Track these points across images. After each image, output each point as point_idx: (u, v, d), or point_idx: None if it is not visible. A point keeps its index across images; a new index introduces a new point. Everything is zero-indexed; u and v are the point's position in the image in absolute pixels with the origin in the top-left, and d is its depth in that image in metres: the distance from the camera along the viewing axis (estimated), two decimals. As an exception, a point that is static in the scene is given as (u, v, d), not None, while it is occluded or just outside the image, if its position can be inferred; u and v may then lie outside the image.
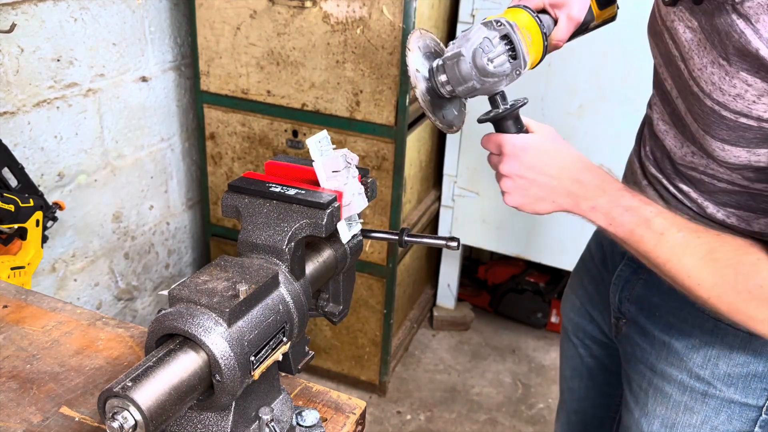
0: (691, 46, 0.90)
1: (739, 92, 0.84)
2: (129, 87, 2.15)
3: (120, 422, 0.60)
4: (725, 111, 0.86)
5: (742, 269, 0.87)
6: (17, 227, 1.68)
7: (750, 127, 0.85)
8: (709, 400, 1.06)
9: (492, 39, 0.94)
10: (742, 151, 0.88)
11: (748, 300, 0.86)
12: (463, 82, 0.96)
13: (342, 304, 0.95)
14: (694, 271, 0.89)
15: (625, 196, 0.93)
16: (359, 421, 0.88)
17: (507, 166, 0.96)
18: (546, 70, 2.35)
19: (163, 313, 0.69)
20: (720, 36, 0.84)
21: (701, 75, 0.89)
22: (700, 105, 0.90)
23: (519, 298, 2.92)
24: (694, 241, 0.89)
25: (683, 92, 0.95)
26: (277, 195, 0.81)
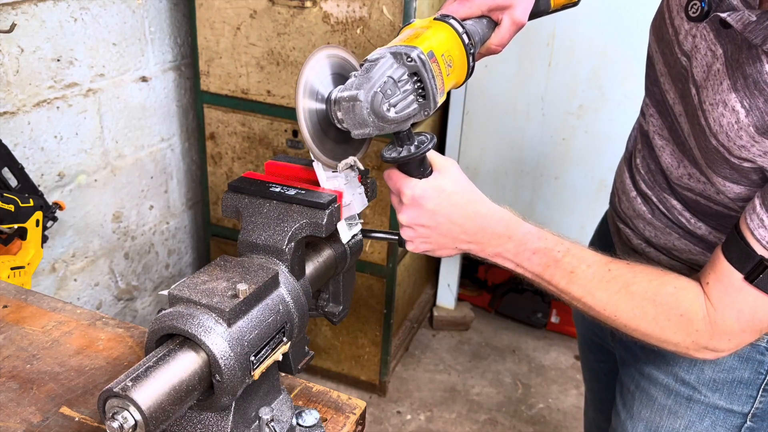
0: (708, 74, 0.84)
1: (744, 144, 0.81)
2: (129, 87, 2.15)
3: (120, 422, 0.60)
4: (729, 155, 0.83)
5: (661, 300, 0.88)
6: (17, 227, 1.68)
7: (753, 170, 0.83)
8: (694, 405, 1.05)
9: (398, 79, 0.81)
10: (743, 189, 0.87)
11: (667, 328, 0.88)
12: (359, 126, 0.82)
13: (342, 304, 0.95)
14: (609, 305, 0.90)
15: (532, 239, 0.91)
16: (359, 421, 0.88)
17: (406, 215, 0.90)
18: (546, 70, 2.35)
19: (163, 313, 0.69)
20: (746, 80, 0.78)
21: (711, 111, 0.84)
22: (705, 140, 0.86)
23: (519, 298, 2.92)
24: (606, 275, 0.90)
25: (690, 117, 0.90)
26: (277, 195, 0.81)
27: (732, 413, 1.03)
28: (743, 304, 0.84)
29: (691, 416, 1.06)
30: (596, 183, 2.43)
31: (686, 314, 0.87)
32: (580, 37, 2.27)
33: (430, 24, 0.89)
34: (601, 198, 2.47)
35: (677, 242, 1.02)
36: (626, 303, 0.89)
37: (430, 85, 0.83)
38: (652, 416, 1.09)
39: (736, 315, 0.85)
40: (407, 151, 0.87)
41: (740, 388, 1.02)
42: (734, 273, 0.83)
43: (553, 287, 0.92)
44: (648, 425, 1.10)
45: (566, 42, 2.29)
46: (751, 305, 0.84)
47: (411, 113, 0.83)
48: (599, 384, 1.40)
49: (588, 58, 2.27)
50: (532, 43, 2.34)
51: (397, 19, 1.95)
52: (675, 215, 1.01)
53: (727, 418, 1.04)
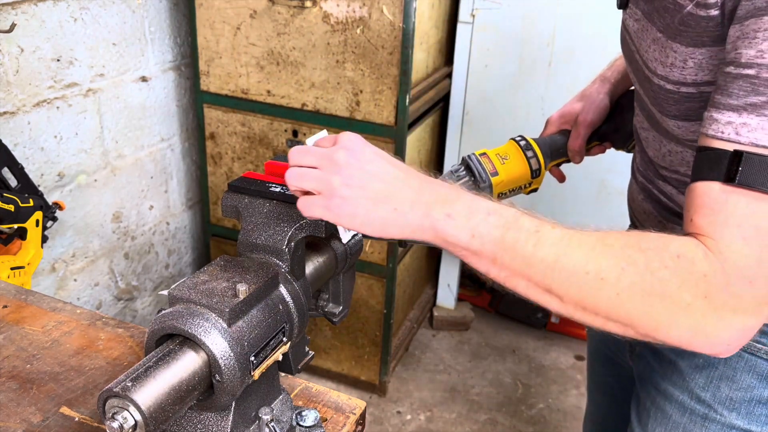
0: (639, 34, 0.91)
1: (672, 61, 0.82)
2: (129, 87, 2.15)
3: (120, 422, 0.60)
4: (668, 84, 0.83)
5: (646, 245, 0.72)
6: (17, 227, 1.68)
7: (692, 95, 0.82)
8: (709, 424, 1.00)
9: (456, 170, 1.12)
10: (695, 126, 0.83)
11: (667, 278, 0.70)
12: None
13: (342, 304, 0.95)
14: (591, 263, 0.72)
15: (481, 199, 0.77)
16: (359, 421, 0.88)
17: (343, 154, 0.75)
18: (546, 69, 2.35)
19: (162, 313, 0.69)
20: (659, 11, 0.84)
21: (647, 55, 0.87)
22: (651, 85, 0.88)
23: (519, 298, 2.91)
24: (575, 234, 0.74)
25: (642, 82, 0.94)
26: (277, 195, 0.81)
27: None
28: (738, 215, 0.70)
29: None
30: (596, 183, 2.43)
31: (683, 254, 0.71)
32: (580, 37, 2.27)
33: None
34: (601, 198, 2.47)
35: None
36: (609, 256, 0.72)
37: (475, 166, 1.13)
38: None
39: (739, 234, 0.69)
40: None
41: (759, 408, 0.97)
42: (712, 185, 0.71)
43: (518, 257, 0.74)
44: None
45: (566, 42, 2.29)
46: (746, 213, 0.70)
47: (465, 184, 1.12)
48: (604, 397, 1.38)
49: (588, 58, 2.27)
50: (532, 43, 2.34)
51: (397, 19, 1.95)
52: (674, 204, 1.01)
53: None
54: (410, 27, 1.96)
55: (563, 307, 0.76)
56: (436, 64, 2.43)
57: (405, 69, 2.01)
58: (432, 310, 2.95)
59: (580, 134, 1.21)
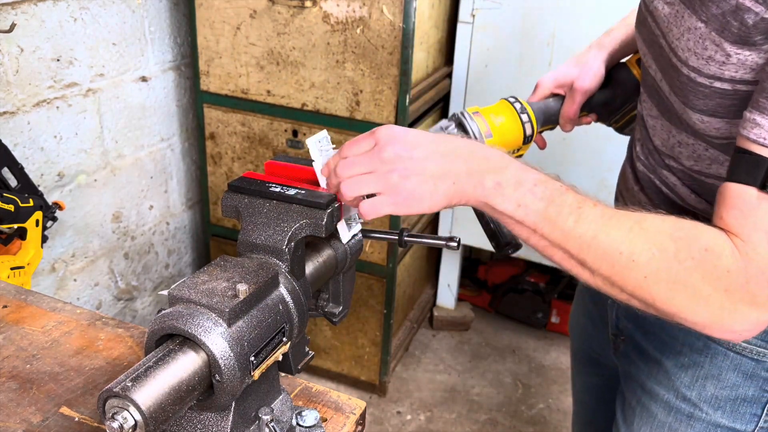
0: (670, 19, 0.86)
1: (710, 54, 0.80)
2: (129, 87, 2.15)
3: (120, 422, 0.60)
4: (701, 77, 0.82)
5: (680, 234, 0.76)
6: (17, 227, 1.68)
7: (725, 92, 0.81)
8: (695, 423, 1.01)
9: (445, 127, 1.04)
10: (721, 123, 0.84)
11: (692, 269, 0.74)
12: None
13: (342, 304, 0.95)
14: (625, 244, 0.76)
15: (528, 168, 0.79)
16: (359, 422, 0.88)
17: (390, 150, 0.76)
18: (546, 70, 2.35)
19: (162, 313, 0.69)
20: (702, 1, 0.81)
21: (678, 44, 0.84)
22: (678, 75, 0.86)
23: (519, 298, 2.92)
24: (615, 213, 0.78)
25: (665, 69, 0.91)
26: (277, 195, 0.81)
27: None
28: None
29: None
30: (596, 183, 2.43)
31: (711, 248, 0.74)
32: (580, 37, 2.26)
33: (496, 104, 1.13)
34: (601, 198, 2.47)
35: None
36: (643, 240, 0.76)
37: (469, 124, 1.04)
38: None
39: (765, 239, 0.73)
40: None
41: (744, 406, 0.98)
42: (747, 189, 0.74)
43: (558, 230, 0.78)
44: None
45: (566, 42, 2.29)
46: None
47: None
48: (590, 397, 1.38)
49: (588, 58, 2.27)
50: (532, 43, 2.34)
51: (397, 19, 1.95)
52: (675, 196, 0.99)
53: None
54: (410, 27, 1.96)
55: (593, 279, 0.80)
56: (436, 64, 2.43)
57: (405, 69, 2.01)
58: (432, 310, 2.95)
59: (576, 101, 1.14)
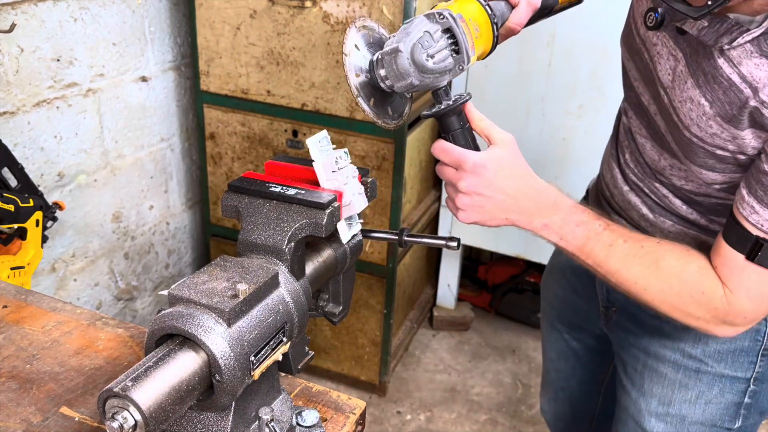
0: (673, 76, 0.96)
1: (715, 132, 0.92)
2: (129, 87, 2.15)
3: (120, 422, 0.60)
4: (703, 143, 0.94)
5: (687, 277, 0.95)
6: (17, 227, 1.68)
7: (725, 158, 0.93)
8: (702, 376, 1.14)
9: (433, 33, 0.89)
10: (718, 176, 0.99)
11: (690, 303, 0.96)
12: (401, 78, 0.90)
13: (342, 304, 0.95)
14: (641, 279, 0.97)
15: (577, 212, 0.99)
16: (359, 421, 0.88)
17: (466, 182, 0.95)
18: (546, 69, 2.35)
19: (162, 313, 0.69)
20: (706, 77, 0.90)
21: (681, 107, 0.95)
22: (679, 134, 0.97)
23: (519, 298, 2.92)
24: (640, 251, 0.97)
25: (664, 116, 1.01)
26: (277, 195, 0.81)
27: (737, 379, 1.13)
28: (750, 282, 0.92)
29: (701, 387, 1.15)
30: (596, 183, 2.43)
31: (707, 292, 0.94)
32: (580, 37, 2.27)
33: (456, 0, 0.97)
34: (601, 198, 2.47)
35: (672, 229, 1.11)
36: (656, 278, 0.96)
37: (462, 39, 0.90)
38: (663, 391, 1.18)
39: (746, 293, 0.92)
40: (446, 105, 0.95)
41: (742, 356, 1.12)
42: (736, 255, 0.92)
43: (591, 260, 0.99)
44: (661, 400, 1.18)
45: (566, 42, 2.29)
46: (756, 282, 0.92)
47: (447, 66, 0.91)
48: (567, 363, 1.49)
49: (588, 58, 2.27)
50: (532, 43, 2.34)
51: (397, 19, 1.95)
52: (667, 203, 1.09)
53: (733, 385, 1.14)
54: (410, 27, 1.96)
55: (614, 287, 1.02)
56: (436, 64, 2.43)
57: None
58: (432, 310, 2.95)
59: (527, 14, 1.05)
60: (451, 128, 0.97)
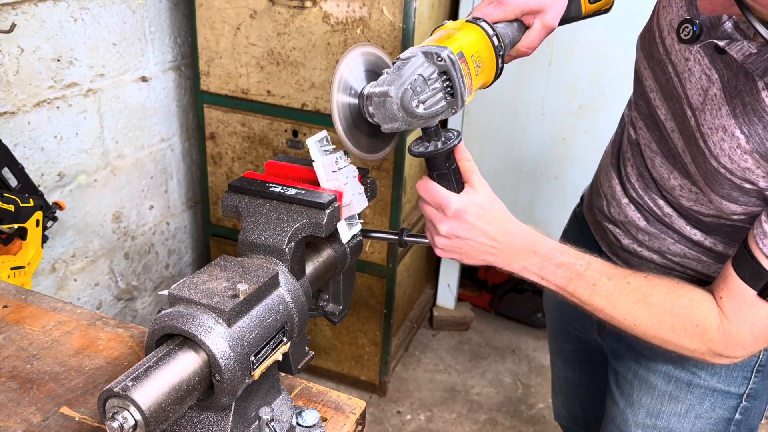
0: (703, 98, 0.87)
1: (749, 167, 0.85)
2: (129, 87, 2.15)
3: (120, 422, 0.60)
4: (731, 175, 0.88)
5: (677, 311, 0.93)
6: (17, 227, 1.68)
7: (750, 191, 0.88)
8: (694, 389, 1.11)
9: (428, 77, 0.85)
10: (739, 208, 0.91)
11: (683, 337, 0.93)
12: (389, 121, 0.86)
13: (342, 304, 0.95)
14: (629, 315, 0.95)
15: (555, 254, 0.97)
16: (359, 421, 0.88)
17: (447, 226, 0.94)
18: (546, 70, 2.35)
19: (163, 313, 0.69)
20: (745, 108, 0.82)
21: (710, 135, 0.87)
22: (704, 161, 0.90)
23: (519, 298, 2.92)
24: (626, 287, 0.95)
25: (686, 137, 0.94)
26: (277, 195, 0.81)
27: (729, 395, 1.10)
28: (757, 318, 0.89)
29: (692, 400, 1.12)
30: (596, 183, 2.43)
31: (701, 324, 0.92)
32: (580, 37, 2.27)
33: (462, 26, 0.93)
34: (601, 198, 2.47)
35: (672, 246, 1.06)
36: (645, 314, 0.94)
37: (459, 84, 0.86)
38: (652, 402, 1.15)
39: (749, 328, 0.90)
40: (434, 146, 0.92)
41: (736, 371, 1.09)
42: (747, 290, 0.88)
43: (576, 299, 0.98)
44: (649, 411, 1.15)
45: (566, 42, 2.29)
46: (764, 318, 0.89)
47: (439, 110, 0.87)
48: (574, 372, 1.47)
49: (588, 58, 2.27)
50: (532, 43, 2.34)
51: (397, 19, 1.95)
52: (670, 222, 1.05)
53: (725, 400, 1.10)
54: (410, 27, 1.96)
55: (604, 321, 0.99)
56: (436, 64, 2.43)
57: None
58: (432, 310, 2.95)
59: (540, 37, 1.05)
60: (436, 168, 0.94)
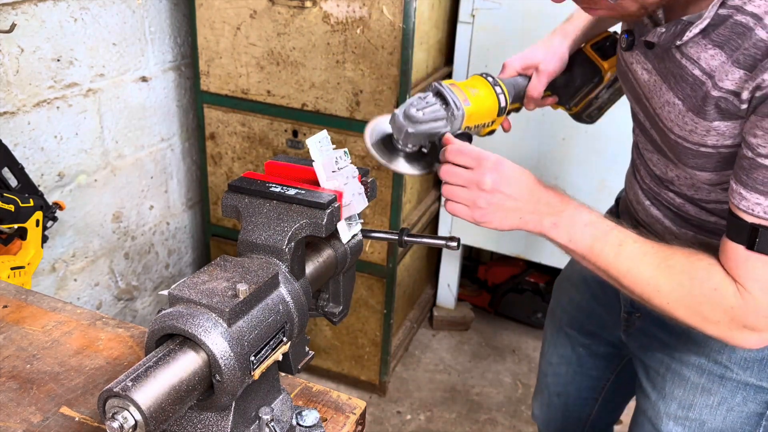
0: (650, 87, 1.01)
1: (691, 128, 0.94)
2: (129, 87, 2.15)
3: (120, 422, 0.60)
4: (686, 143, 0.97)
5: (696, 274, 0.94)
6: (17, 227, 1.68)
7: (710, 154, 0.95)
8: (726, 383, 1.12)
9: (424, 97, 1.10)
10: (711, 175, 0.98)
11: (703, 302, 0.93)
12: (400, 132, 1.09)
13: (342, 304, 0.95)
14: (653, 279, 0.95)
15: (584, 212, 0.99)
16: (359, 421, 0.88)
17: (490, 178, 0.97)
18: (546, 70, 2.35)
19: (163, 313, 0.69)
20: (675, 78, 0.95)
21: (661, 112, 1.00)
22: (667, 138, 1.01)
23: (519, 298, 2.92)
24: (650, 250, 0.96)
25: (654, 125, 1.04)
26: (277, 195, 0.81)
27: (762, 389, 1.11)
28: (758, 272, 0.90)
29: (724, 393, 1.13)
30: (596, 183, 2.43)
31: (719, 288, 0.92)
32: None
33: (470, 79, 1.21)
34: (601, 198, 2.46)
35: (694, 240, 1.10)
36: (667, 277, 0.95)
37: (448, 94, 1.10)
38: (685, 394, 1.17)
39: (758, 285, 0.90)
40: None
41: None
42: (737, 247, 0.90)
43: (602, 261, 0.98)
44: (681, 403, 1.17)
45: (566, 42, 2.29)
46: (762, 271, 0.90)
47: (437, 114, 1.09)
48: (568, 368, 1.48)
49: (588, 58, 2.27)
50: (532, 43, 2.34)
51: (397, 19, 1.95)
52: (684, 212, 1.09)
53: (757, 394, 1.11)
54: (410, 27, 1.96)
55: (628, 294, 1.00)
56: (436, 64, 2.43)
57: (405, 69, 2.01)
58: (432, 310, 2.95)
59: (541, 82, 1.26)
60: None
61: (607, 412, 1.53)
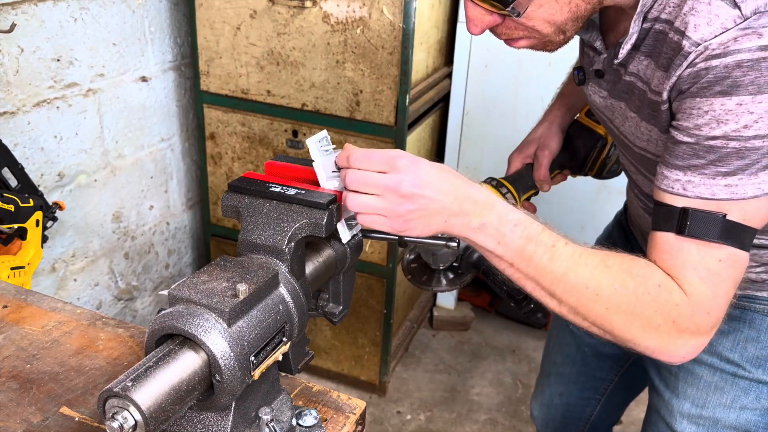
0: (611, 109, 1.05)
1: (647, 137, 0.97)
2: (129, 87, 2.15)
3: (120, 422, 0.60)
4: (648, 154, 0.99)
5: (638, 272, 0.87)
6: (17, 227, 1.68)
7: None
8: (739, 381, 1.13)
9: None
10: None
11: (647, 302, 0.86)
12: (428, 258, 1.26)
13: (342, 304, 0.95)
14: (591, 281, 0.87)
15: (511, 210, 0.89)
16: (359, 421, 0.88)
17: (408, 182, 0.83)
18: (546, 70, 2.35)
19: (162, 313, 0.69)
20: (628, 95, 0.99)
21: (623, 129, 1.03)
22: (633, 152, 1.03)
23: (519, 298, 2.92)
24: (584, 252, 0.89)
25: (622, 144, 1.08)
26: (277, 195, 0.81)
27: None
28: (692, 259, 0.86)
29: (737, 391, 1.13)
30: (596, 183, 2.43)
31: (664, 285, 0.86)
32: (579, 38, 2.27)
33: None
34: (601, 198, 2.47)
35: None
36: (606, 277, 0.87)
37: None
38: (698, 393, 1.17)
39: (695, 275, 0.85)
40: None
41: None
42: (667, 236, 0.87)
43: (533, 265, 0.88)
44: (695, 402, 1.17)
45: (566, 42, 2.29)
46: (697, 258, 0.86)
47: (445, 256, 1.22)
48: (572, 368, 1.49)
49: (588, 58, 2.27)
50: (532, 43, 2.34)
51: (397, 19, 1.95)
52: None
53: None
54: (410, 27, 1.96)
55: (559, 308, 0.91)
56: (436, 64, 2.43)
57: (405, 69, 2.01)
58: (432, 310, 2.95)
59: (542, 164, 1.32)
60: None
61: (608, 413, 1.54)
